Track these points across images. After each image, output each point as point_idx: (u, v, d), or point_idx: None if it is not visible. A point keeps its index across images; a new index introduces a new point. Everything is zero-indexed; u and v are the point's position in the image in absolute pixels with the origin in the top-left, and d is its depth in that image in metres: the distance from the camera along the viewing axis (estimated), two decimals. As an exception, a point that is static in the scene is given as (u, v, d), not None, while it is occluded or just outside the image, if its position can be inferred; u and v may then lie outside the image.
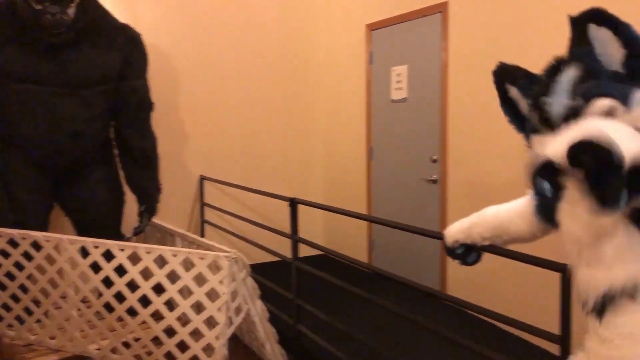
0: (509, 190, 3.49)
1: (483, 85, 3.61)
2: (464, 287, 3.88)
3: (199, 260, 2.73)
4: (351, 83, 5.01)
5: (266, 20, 5.11)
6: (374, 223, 4.72)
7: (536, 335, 1.59)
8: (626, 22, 1.41)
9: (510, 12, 3.40)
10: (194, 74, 4.79)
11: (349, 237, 5.19)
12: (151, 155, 3.71)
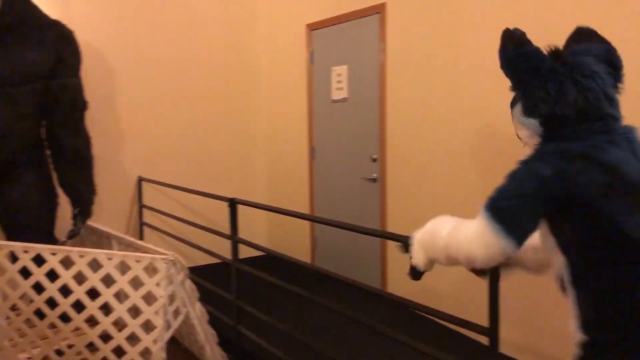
0: (446, 188, 3.58)
1: (420, 85, 3.69)
2: (405, 284, 3.95)
3: (134, 263, 2.67)
4: (292, 83, 5.01)
5: (206, 17, 5.04)
6: (316, 222, 4.74)
7: (467, 329, 1.64)
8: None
9: (445, 14, 3.49)
10: (131, 72, 4.67)
11: (292, 237, 5.19)
12: (85, 156, 3.60)
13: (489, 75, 3.23)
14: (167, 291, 2.66)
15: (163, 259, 2.65)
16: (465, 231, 1.54)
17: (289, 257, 2.86)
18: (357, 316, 2.40)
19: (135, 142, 4.74)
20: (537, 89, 1.58)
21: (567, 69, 1.56)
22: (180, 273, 2.81)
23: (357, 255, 4.37)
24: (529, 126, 1.62)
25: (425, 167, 3.70)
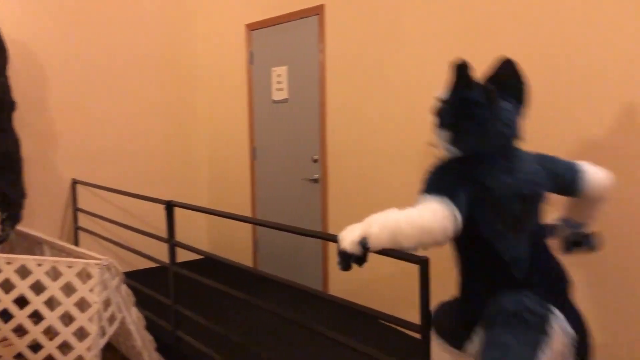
0: (386, 189, 3.63)
1: (358, 86, 3.73)
2: (346, 285, 3.98)
3: (66, 269, 2.59)
4: (232, 83, 4.97)
5: (143, 15, 4.93)
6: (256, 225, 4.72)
7: (401, 326, 1.66)
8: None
9: (383, 15, 3.54)
10: (63, 71, 4.51)
11: (234, 239, 5.14)
12: (13, 158, 3.45)
13: (426, 76, 3.30)
14: (102, 297, 2.58)
15: (97, 264, 2.58)
16: (417, 213, 1.69)
17: (228, 260, 2.83)
18: (296, 318, 2.40)
19: (69, 144, 4.58)
20: (469, 131, 1.89)
21: (494, 117, 1.88)
22: (116, 278, 2.73)
23: (299, 256, 4.37)
24: (449, 150, 1.96)
25: (365, 168, 3.74)
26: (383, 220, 1.70)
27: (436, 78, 3.24)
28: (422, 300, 1.56)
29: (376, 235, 1.67)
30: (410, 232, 1.62)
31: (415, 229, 1.62)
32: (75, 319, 2.58)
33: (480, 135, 1.89)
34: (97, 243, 4.70)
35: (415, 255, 1.60)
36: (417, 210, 1.69)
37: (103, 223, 4.75)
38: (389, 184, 3.59)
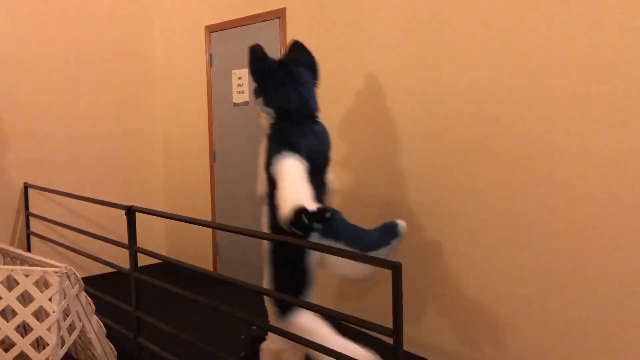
0: (350, 189, 3.66)
1: (320, 89, 3.74)
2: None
3: (23, 278, 2.50)
4: (191, 85, 4.90)
5: (97, 15, 4.81)
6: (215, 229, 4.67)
7: (373, 330, 1.68)
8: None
9: (344, 19, 3.57)
10: (14, 71, 4.35)
11: (193, 243, 5.07)
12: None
13: (387, 79, 3.35)
14: (61, 306, 2.51)
15: (55, 272, 2.50)
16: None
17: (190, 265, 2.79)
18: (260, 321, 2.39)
19: (19, 147, 4.42)
20: (272, 92, 2.48)
21: (290, 79, 2.49)
22: (75, 286, 2.66)
23: (261, 260, 4.35)
24: (268, 113, 2.51)
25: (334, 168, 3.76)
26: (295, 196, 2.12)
27: (397, 80, 3.29)
28: (395, 304, 1.59)
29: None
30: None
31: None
32: (33, 329, 2.49)
33: (283, 92, 2.48)
34: (50, 248, 4.56)
35: (388, 261, 1.63)
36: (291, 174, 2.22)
37: (56, 228, 4.61)
38: (354, 186, 3.63)
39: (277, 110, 2.48)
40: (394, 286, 1.60)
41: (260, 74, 2.52)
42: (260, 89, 2.53)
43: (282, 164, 2.26)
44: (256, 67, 2.52)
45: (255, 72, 2.53)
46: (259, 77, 2.53)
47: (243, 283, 2.45)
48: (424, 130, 3.18)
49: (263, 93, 2.51)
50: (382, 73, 3.37)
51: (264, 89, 2.51)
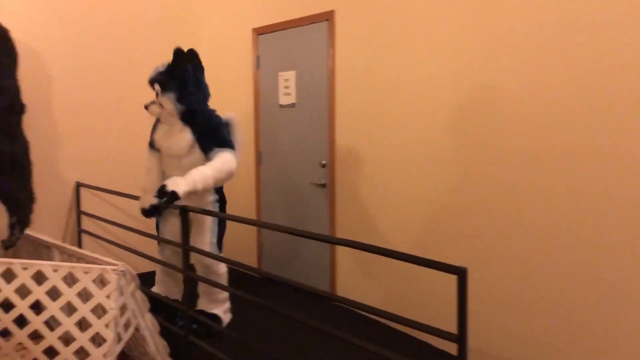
0: (394, 194, 3.64)
1: (368, 92, 3.74)
2: (354, 291, 3.99)
3: (83, 275, 2.56)
4: (238, 87, 4.96)
5: (147, 18, 4.91)
6: (262, 227, 4.71)
7: (434, 335, 1.67)
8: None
9: (393, 21, 3.55)
10: (68, 73, 4.48)
11: (239, 242, 5.13)
12: (23, 162, 3.41)
13: (435, 82, 3.32)
14: (118, 303, 2.56)
15: (114, 270, 2.56)
16: (224, 162, 3.12)
17: (237, 262, 2.82)
18: (312, 322, 2.39)
19: (72, 146, 4.54)
20: (195, 91, 3.25)
21: (203, 81, 3.36)
22: (131, 284, 2.72)
23: (305, 261, 4.37)
24: (177, 107, 3.23)
25: (374, 173, 3.75)
26: (204, 177, 3.00)
27: (446, 82, 3.26)
28: (460, 310, 1.57)
29: (202, 188, 2.99)
30: (223, 176, 3.10)
31: (225, 174, 3.11)
32: (92, 325, 2.56)
33: (201, 93, 3.29)
34: (99, 245, 4.67)
35: (453, 266, 1.61)
36: (221, 162, 3.10)
37: (105, 225, 4.72)
38: (397, 189, 3.61)
39: (188, 108, 3.28)
40: (460, 291, 1.58)
41: (184, 76, 3.24)
42: (179, 85, 3.23)
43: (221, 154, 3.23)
44: (185, 67, 3.26)
45: (183, 72, 3.23)
46: (183, 78, 3.23)
47: (289, 281, 2.46)
48: (476, 133, 3.14)
49: (181, 91, 3.24)
50: (432, 75, 3.34)
51: (182, 89, 3.23)
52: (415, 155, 3.49)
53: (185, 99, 3.21)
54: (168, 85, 3.20)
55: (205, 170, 3.02)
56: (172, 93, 3.20)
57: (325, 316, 3.78)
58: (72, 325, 2.57)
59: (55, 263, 2.62)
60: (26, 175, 3.45)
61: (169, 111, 3.25)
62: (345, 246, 2.15)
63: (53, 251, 3.32)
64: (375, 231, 3.79)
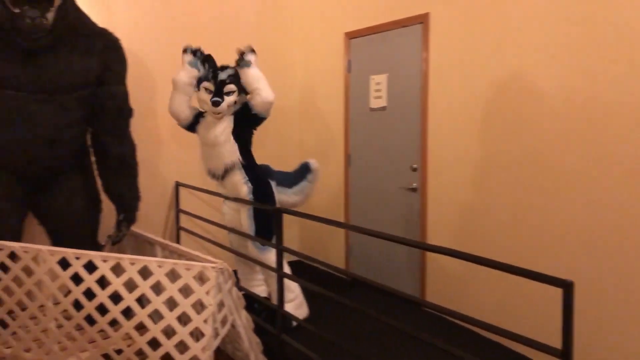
0: (488, 199, 3.55)
1: (464, 95, 3.67)
2: (445, 298, 3.93)
3: (185, 271, 2.69)
4: (328, 90, 5.02)
5: (242, 25, 5.08)
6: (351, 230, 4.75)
7: (535, 349, 1.62)
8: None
9: (489, 24, 3.47)
10: (170, 79, 4.71)
11: (326, 244, 5.19)
12: (130, 163, 3.63)
13: (536, 85, 3.20)
14: (216, 299, 2.67)
15: (213, 268, 2.67)
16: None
17: (331, 265, 2.85)
18: (402, 326, 2.38)
19: (172, 148, 4.78)
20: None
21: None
22: (228, 281, 2.83)
23: (393, 266, 4.35)
24: (235, 108, 3.63)
25: (468, 178, 3.68)
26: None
27: (545, 86, 3.14)
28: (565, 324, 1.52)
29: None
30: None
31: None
32: (191, 320, 2.68)
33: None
34: (196, 243, 4.88)
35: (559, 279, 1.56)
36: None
37: (201, 223, 4.92)
38: (492, 196, 3.51)
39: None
40: (565, 305, 1.53)
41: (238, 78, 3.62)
42: (241, 87, 3.61)
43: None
44: (235, 71, 3.66)
45: (238, 76, 3.62)
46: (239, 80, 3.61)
47: (381, 285, 2.46)
48: (577, 138, 3.00)
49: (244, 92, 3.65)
50: (531, 79, 3.23)
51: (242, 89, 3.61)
52: (513, 160, 3.38)
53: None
54: (238, 85, 3.59)
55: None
56: (240, 93, 3.62)
57: (414, 321, 3.75)
58: (173, 319, 2.70)
59: (160, 259, 2.77)
60: (133, 176, 3.67)
61: (228, 110, 3.59)
62: (441, 254, 2.13)
63: (156, 247, 3.52)
64: (468, 237, 3.71)
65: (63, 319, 2.93)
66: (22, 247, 2.91)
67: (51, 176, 3.47)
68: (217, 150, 3.62)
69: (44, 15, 3.02)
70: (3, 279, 2.97)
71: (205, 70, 3.67)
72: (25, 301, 2.98)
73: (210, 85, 3.57)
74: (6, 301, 3.01)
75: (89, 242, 3.66)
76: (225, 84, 3.55)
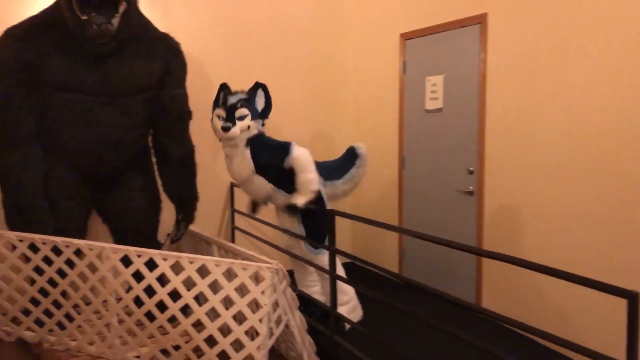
0: (548, 204, 3.45)
1: (522, 97, 3.58)
2: (502, 304, 3.84)
3: (241, 271, 2.73)
4: (383, 92, 5.00)
5: (299, 27, 5.12)
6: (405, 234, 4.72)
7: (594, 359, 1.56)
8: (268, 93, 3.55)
9: (551, 24, 3.37)
10: (226, 80, 4.77)
11: (379, 247, 5.17)
12: (189, 164, 3.73)
13: (598, 89, 3.09)
14: (271, 299, 2.70)
15: (268, 268, 2.70)
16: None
17: (384, 269, 2.84)
18: (456, 331, 2.35)
19: (227, 149, 4.88)
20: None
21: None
22: (283, 281, 2.85)
23: (448, 270, 4.29)
24: (259, 129, 3.46)
25: (527, 182, 3.59)
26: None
27: (608, 88, 3.02)
28: (630, 336, 1.46)
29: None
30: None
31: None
32: (247, 319, 2.72)
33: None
34: (250, 242, 4.95)
35: (623, 289, 1.50)
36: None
37: (254, 223, 4.99)
38: (552, 200, 3.41)
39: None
40: (630, 317, 1.47)
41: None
42: (257, 110, 3.46)
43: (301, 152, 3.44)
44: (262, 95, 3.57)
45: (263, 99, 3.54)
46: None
47: (435, 290, 2.43)
48: (646, 141, 2.88)
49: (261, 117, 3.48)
50: (594, 81, 3.12)
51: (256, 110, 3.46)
52: (573, 164, 3.28)
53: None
54: (251, 109, 3.40)
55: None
56: (253, 118, 3.41)
57: (468, 326, 3.68)
58: (229, 318, 2.75)
59: (217, 259, 2.83)
60: (192, 176, 3.76)
61: (241, 136, 3.37)
62: (498, 260, 2.08)
63: (212, 246, 3.59)
64: (527, 243, 3.62)
65: (124, 315, 3.04)
66: (87, 244, 3.03)
67: (115, 176, 3.60)
68: (247, 187, 3.59)
69: (109, 21, 3.13)
70: (69, 275, 3.10)
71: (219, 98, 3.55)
72: (90, 296, 3.10)
73: (222, 111, 3.43)
74: (72, 296, 3.15)
75: (150, 240, 3.78)
76: (236, 108, 3.37)
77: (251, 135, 3.40)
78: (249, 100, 3.42)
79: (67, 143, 3.34)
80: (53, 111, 3.28)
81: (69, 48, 3.21)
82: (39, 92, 3.23)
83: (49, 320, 3.23)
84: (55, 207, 3.38)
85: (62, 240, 3.08)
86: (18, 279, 3.21)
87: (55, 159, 3.39)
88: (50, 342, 3.28)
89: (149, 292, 3.21)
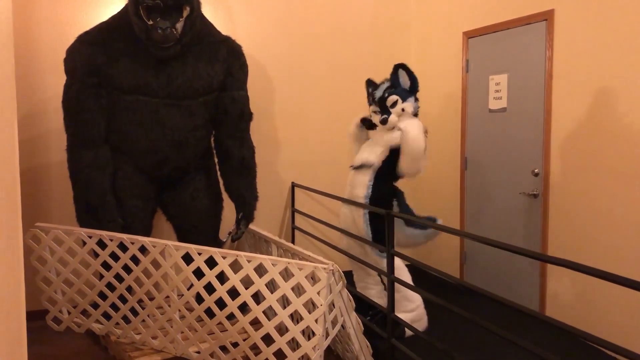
0: (617, 208, 3.28)
1: (589, 97, 3.43)
2: (567, 311, 3.69)
3: (297, 271, 2.76)
4: (445, 91, 4.91)
5: (359, 27, 5.11)
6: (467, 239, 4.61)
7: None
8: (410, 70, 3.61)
9: (621, 20, 3.20)
10: (287, 82, 4.86)
11: (439, 250, 5.07)
12: (250, 164, 3.79)
13: (678, 86, 2.91)
14: (327, 300, 2.71)
15: (324, 269, 2.71)
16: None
17: (444, 273, 2.78)
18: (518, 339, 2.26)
19: (289, 149, 4.93)
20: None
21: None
22: (339, 283, 2.85)
23: (512, 275, 4.15)
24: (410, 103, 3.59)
25: (596, 185, 3.42)
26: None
27: (694, 87, 2.83)
28: None
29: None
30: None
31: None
32: (303, 318, 2.74)
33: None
34: (309, 242, 4.98)
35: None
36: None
37: (314, 223, 5.02)
38: (621, 204, 3.24)
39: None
40: None
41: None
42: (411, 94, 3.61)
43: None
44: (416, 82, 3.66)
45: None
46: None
47: (496, 296, 2.35)
48: None
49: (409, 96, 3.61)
50: (673, 76, 2.94)
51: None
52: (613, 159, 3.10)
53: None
54: (398, 93, 3.57)
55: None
56: (405, 100, 3.57)
57: (533, 334, 3.55)
58: (286, 317, 2.78)
59: (274, 258, 2.87)
60: (252, 176, 3.82)
61: (402, 117, 3.54)
62: (564, 267, 2.00)
63: (271, 245, 3.64)
64: (597, 250, 3.45)
65: (186, 311, 3.13)
66: (151, 241, 3.14)
67: (179, 176, 3.71)
68: (356, 178, 3.73)
69: (174, 26, 3.23)
70: (134, 270, 3.22)
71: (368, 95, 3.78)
72: (153, 292, 3.21)
73: (375, 107, 3.66)
74: (136, 291, 3.27)
75: (212, 238, 3.88)
76: (385, 98, 3.56)
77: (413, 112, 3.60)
78: (394, 86, 3.59)
79: (134, 144, 3.48)
80: (121, 113, 3.42)
81: (136, 52, 3.33)
82: (108, 95, 3.38)
83: (115, 314, 3.37)
84: (122, 206, 3.53)
85: (127, 237, 3.21)
86: (87, 274, 3.37)
87: (122, 159, 3.54)
88: (116, 335, 3.42)
89: (209, 289, 3.28)
